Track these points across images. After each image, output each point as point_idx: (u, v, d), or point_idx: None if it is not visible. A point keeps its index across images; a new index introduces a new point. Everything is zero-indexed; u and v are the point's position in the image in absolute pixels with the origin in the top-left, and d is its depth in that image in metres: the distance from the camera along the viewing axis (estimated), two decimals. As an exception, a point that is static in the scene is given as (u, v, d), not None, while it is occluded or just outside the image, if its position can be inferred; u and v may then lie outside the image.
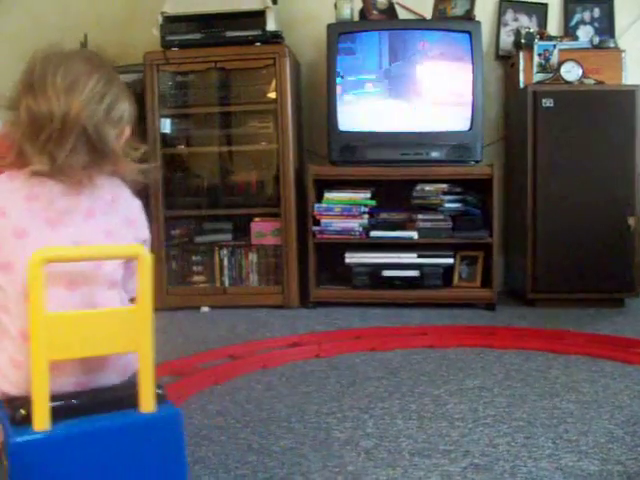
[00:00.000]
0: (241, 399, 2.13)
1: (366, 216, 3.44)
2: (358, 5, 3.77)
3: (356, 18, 3.75)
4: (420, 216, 3.41)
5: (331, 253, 3.53)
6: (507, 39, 3.90)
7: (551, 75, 3.51)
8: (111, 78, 1.30)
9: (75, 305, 1.21)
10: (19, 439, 1.10)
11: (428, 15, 3.79)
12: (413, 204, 3.45)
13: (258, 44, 3.49)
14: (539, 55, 3.57)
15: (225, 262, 3.57)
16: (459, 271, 3.51)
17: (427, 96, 3.50)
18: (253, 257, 3.55)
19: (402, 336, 2.85)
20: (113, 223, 1.28)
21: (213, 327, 3.13)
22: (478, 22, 3.54)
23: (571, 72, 3.46)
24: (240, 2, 3.52)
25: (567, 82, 3.44)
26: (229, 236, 3.61)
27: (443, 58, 3.50)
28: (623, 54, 3.63)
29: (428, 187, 3.43)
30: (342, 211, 3.42)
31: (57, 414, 1.12)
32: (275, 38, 3.51)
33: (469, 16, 3.64)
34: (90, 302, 1.22)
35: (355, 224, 3.42)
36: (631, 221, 3.37)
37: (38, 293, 1.11)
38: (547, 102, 3.36)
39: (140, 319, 1.20)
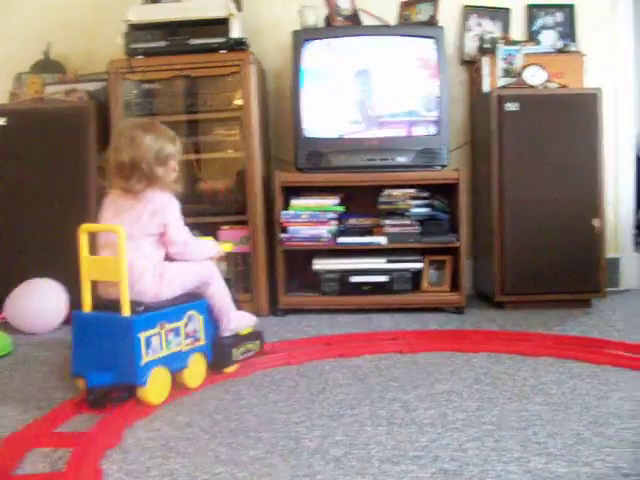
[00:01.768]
0: (210, 409, 2.11)
1: (334, 222, 3.44)
2: (323, 12, 3.78)
3: (321, 24, 3.75)
4: (388, 221, 3.42)
5: (299, 260, 3.52)
6: (471, 44, 3.93)
7: (515, 79, 3.54)
8: (159, 134, 2.32)
9: (109, 253, 2.25)
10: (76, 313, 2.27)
11: (392, 21, 3.81)
12: (380, 210, 3.45)
13: (223, 51, 3.47)
14: (503, 60, 3.60)
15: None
16: (428, 275, 3.52)
17: (393, 102, 3.51)
18: (221, 265, 3.52)
19: (371, 342, 2.84)
20: (142, 215, 2.27)
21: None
22: (442, 28, 3.57)
23: (535, 76, 3.49)
24: (204, 10, 3.51)
25: (531, 86, 3.47)
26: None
27: (408, 64, 3.51)
28: (585, 58, 3.68)
29: (395, 192, 3.44)
30: (310, 218, 3.42)
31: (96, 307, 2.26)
32: (240, 45, 3.50)
33: (433, 22, 3.67)
34: (113, 252, 2.20)
35: (323, 230, 3.41)
36: (596, 222, 3.40)
37: (84, 245, 2.26)
38: (511, 106, 3.38)
39: (119, 265, 2.16)
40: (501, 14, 3.99)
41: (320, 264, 3.44)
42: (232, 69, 3.47)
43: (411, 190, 3.45)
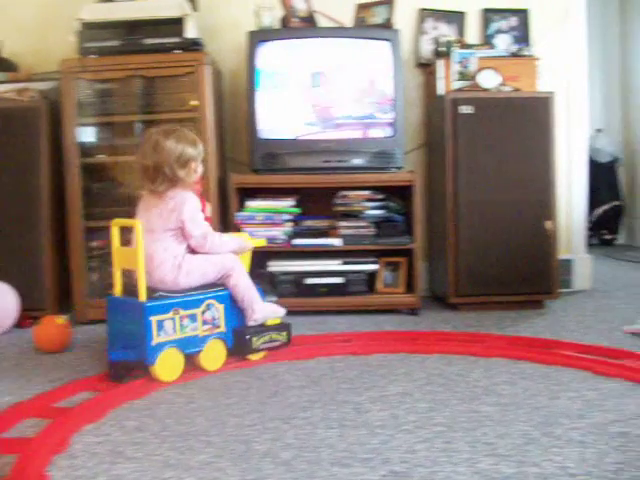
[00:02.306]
0: (160, 414, 2.08)
1: (289, 224, 3.43)
2: (279, 13, 3.77)
3: (277, 26, 3.74)
4: (343, 223, 3.43)
5: (255, 262, 3.49)
6: (427, 47, 3.95)
7: (469, 83, 3.57)
8: (179, 139, 2.53)
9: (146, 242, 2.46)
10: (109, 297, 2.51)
11: (348, 23, 3.81)
12: (336, 211, 3.46)
13: (178, 51, 3.44)
14: (458, 63, 3.62)
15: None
16: (383, 277, 3.53)
17: (348, 104, 3.52)
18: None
19: (325, 344, 2.84)
20: (164, 212, 2.50)
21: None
22: (397, 30, 3.58)
23: (489, 80, 3.52)
24: (159, 9, 3.47)
25: (485, 89, 3.50)
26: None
27: (364, 66, 3.52)
28: (538, 62, 3.73)
29: (350, 194, 3.45)
30: (265, 219, 3.40)
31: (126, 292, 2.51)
32: (195, 46, 3.47)
33: (389, 24, 3.68)
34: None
35: (278, 232, 3.40)
36: (549, 224, 3.45)
37: (116, 237, 2.52)
38: (465, 109, 3.41)
39: (137, 255, 2.40)
40: (457, 18, 4.02)
41: (276, 266, 3.42)
42: (187, 69, 3.44)
43: (366, 192, 3.46)
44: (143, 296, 2.39)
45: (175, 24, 3.46)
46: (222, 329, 2.56)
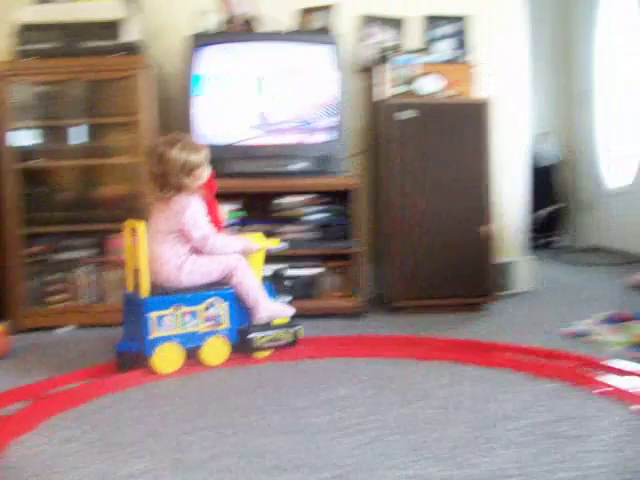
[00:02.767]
0: (98, 423, 2.05)
1: (234, 228, 3.41)
2: (220, 17, 3.75)
3: (218, 29, 3.72)
4: (287, 228, 3.43)
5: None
6: (368, 53, 3.97)
7: (409, 88, 3.61)
8: (183, 147, 2.67)
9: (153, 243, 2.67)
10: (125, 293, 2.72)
11: (290, 28, 3.81)
12: (278, 216, 3.46)
13: (118, 54, 3.40)
14: (398, 68, 3.66)
15: (86, 279, 3.45)
16: (327, 281, 3.54)
17: (290, 108, 3.52)
18: (115, 274, 3.45)
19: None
20: (170, 215, 2.66)
21: (74, 348, 3.02)
22: (338, 35, 3.60)
23: (428, 85, 3.57)
24: (98, 12, 3.43)
25: (424, 95, 3.55)
26: (91, 252, 3.50)
27: (305, 71, 3.53)
28: (478, 68, 3.79)
29: (293, 199, 3.46)
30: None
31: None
32: (134, 49, 3.44)
33: (330, 29, 3.69)
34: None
35: (221, 237, 3.38)
36: (484, 228, 3.50)
37: (127, 238, 2.67)
38: (405, 114, 3.45)
39: (139, 255, 2.59)
40: (398, 24, 4.06)
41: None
42: (126, 73, 3.41)
43: (309, 196, 3.47)
44: (145, 292, 2.57)
45: (114, 27, 3.43)
46: (225, 326, 2.66)
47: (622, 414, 2.03)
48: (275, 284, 2.86)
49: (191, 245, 2.69)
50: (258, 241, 2.84)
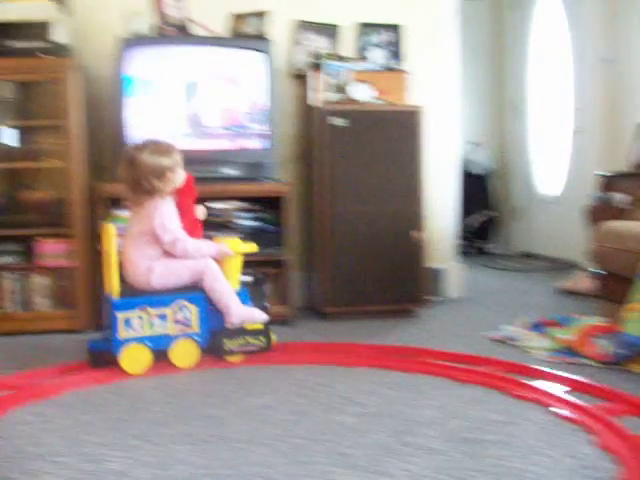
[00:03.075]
0: (11, 435, 1.99)
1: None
2: (152, 20, 3.70)
3: (150, 32, 3.67)
4: (217, 234, 3.38)
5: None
6: (302, 59, 3.97)
7: (342, 95, 3.62)
8: (153, 151, 2.70)
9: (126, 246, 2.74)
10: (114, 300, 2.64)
11: (223, 33, 3.78)
12: (209, 222, 3.41)
13: (47, 56, 3.32)
14: (331, 75, 3.66)
15: (10, 286, 3.36)
16: (257, 288, 3.50)
17: (222, 114, 3.49)
18: (42, 280, 3.36)
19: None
20: (142, 218, 2.69)
21: None
22: (272, 41, 3.59)
23: (361, 92, 3.58)
24: (28, 12, 3.35)
25: (357, 102, 3.56)
26: (15, 258, 3.40)
27: (237, 76, 3.50)
28: (410, 76, 3.82)
29: (224, 205, 3.42)
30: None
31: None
32: (65, 50, 3.37)
33: (263, 35, 3.68)
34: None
35: (148, 243, 3.33)
36: (416, 234, 3.53)
37: (105, 241, 2.67)
38: (337, 121, 3.45)
39: (108, 257, 2.66)
40: (332, 30, 4.05)
41: (146, 277, 3.35)
42: (55, 74, 3.33)
43: (240, 203, 3.44)
44: (114, 293, 2.64)
45: (44, 28, 3.35)
46: (195, 329, 2.66)
47: (543, 419, 2.07)
48: (253, 290, 2.86)
49: (163, 248, 2.70)
50: (234, 246, 2.81)
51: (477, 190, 6.46)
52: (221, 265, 2.78)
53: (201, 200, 3.41)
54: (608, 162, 4.82)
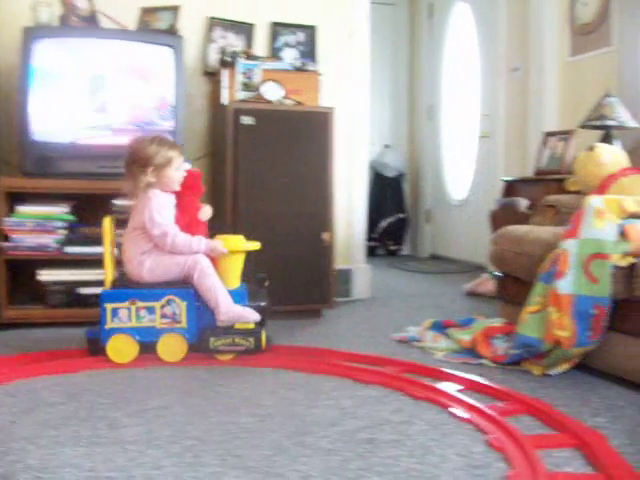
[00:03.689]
0: None
1: (62, 231, 3.27)
2: (59, 10, 3.60)
3: (56, 23, 3.57)
4: (118, 231, 3.31)
5: (26, 271, 3.31)
6: (214, 56, 3.94)
7: (253, 94, 3.60)
8: (141, 145, 2.73)
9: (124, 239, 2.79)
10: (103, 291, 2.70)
11: (132, 27, 3.72)
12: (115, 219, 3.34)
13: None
14: (242, 74, 3.64)
15: None
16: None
17: (128, 109, 3.42)
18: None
19: (90, 356, 2.71)
20: (136, 211, 2.73)
21: None
22: (181, 37, 3.54)
23: (272, 92, 3.57)
24: None
25: (268, 101, 3.55)
26: None
27: (145, 71, 3.44)
28: (322, 77, 3.83)
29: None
30: (35, 226, 3.22)
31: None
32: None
33: (173, 30, 3.63)
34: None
35: (50, 240, 3.24)
36: (326, 236, 3.54)
37: (106, 234, 2.75)
38: (247, 120, 3.43)
39: (108, 251, 2.73)
40: (245, 29, 4.04)
41: (46, 275, 3.25)
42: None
43: (145, 200, 3.37)
44: (106, 285, 2.70)
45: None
46: (183, 325, 2.66)
47: (437, 418, 2.10)
48: (254, 289, 2.81)
49: (154, 242, 2.71)
50: (236, 244, 2.78)
51: (388, 192, 6.56)
52: (220, 262, 2.74)
53: (105, 198, 3.36)
54: (517, 168, 4.96)
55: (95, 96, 3.39)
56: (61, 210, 3.30)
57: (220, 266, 2.75)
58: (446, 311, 3.77)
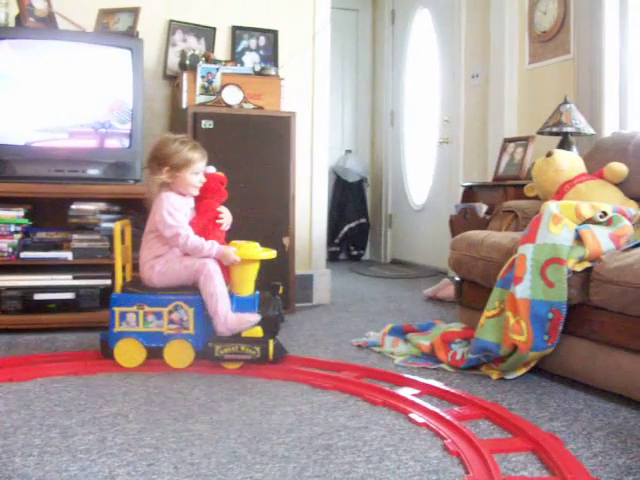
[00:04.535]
0: None
1: (17, 236, 3.21)
2: (14, 10, 3.53)
3: (12, 24, 3.51)
4: (76, 236, 3.28)
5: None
6: (175, 59, 3.90)
7: (214, 98, 3.58)
8: (162, 143, 2.74)
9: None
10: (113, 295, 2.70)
11: (90, 28, 3.66)
12: (70, 223, 3.30)
13: None
14: (202, 77, 3.62)
15: None
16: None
17: (85, 112, 3.37)
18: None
19: (46, 363, 2.67)
20: (153, 211, 2.70)
21: None
22: (141, 39, 3.50)
23: (232, 96, 3.56)
24: None
25: (228, 105, 3.53)
26: None
27: (103, 74, 3.40)
28: (283, 82, 3.82)
29: (86, 206, 3.31)
30: (-11, 230, 3.17)
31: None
32: None
33: (132, 33, 3.58)
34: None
35: (3, 244, 3.17)
36: (286, 241, 3.53)
37: (118, 238, 2.78)
38: (207, 123, 3.42)
39: (127, 253, 2.83)
40: (206, 32, 4.02)
41: (1, 280, 3.19)
42: None
43: (102, 204, 3.33)
44: (116, 289, 2.72)
45: None
46: (190, 331, 2.64)
47: (394, 424, 2.09)
48: (266, 297, 2.75)
49: (169, 244, 2.70)
50: (251, 252, 2.69)
51: (350, 197, 6.57)
52: (234, 269, 2.67)
53: (63, 202, 3.31)
54: (476, 173, 5.00)
55: (51, 99, 3.33)
56: (16, 214, 3.24)
57: (234, 273, 2.69)
58: (407, 316, 3.78)
